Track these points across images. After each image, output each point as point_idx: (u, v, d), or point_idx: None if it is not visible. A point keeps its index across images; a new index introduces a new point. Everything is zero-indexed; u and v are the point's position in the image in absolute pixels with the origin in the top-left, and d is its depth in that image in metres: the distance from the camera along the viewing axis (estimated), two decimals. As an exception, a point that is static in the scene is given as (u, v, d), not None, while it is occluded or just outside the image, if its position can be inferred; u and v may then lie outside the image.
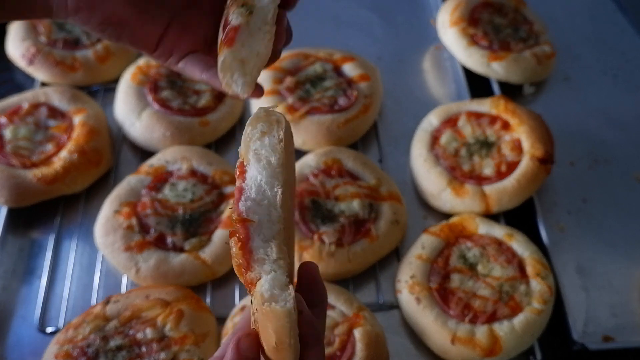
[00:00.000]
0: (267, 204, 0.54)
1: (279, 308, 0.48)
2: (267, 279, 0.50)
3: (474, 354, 0.96)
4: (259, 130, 0.55)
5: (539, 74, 1.40)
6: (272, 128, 0.55)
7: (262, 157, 0.55)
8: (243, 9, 0.56)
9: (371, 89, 1.30)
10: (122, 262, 1.05)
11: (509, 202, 1.15)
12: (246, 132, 0.55)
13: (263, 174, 0.55)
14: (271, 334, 0.49)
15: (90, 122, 1.21)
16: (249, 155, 0.55)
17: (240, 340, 0.51)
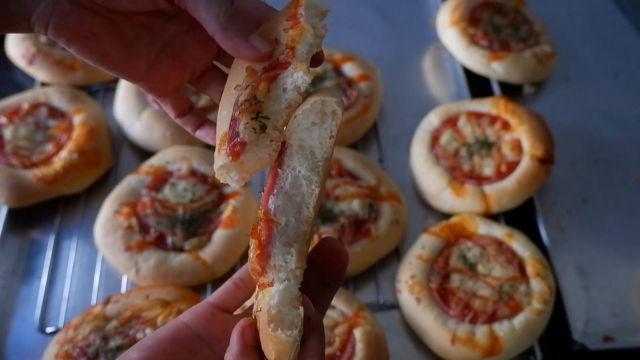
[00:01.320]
0: (300, 201, 0.51)
1: (284, 337, 0.46)
2: (278, 290, 0.48)
3: (474, 354, 0.96)
4: (310, 121, 0.51)
5: (539, 74, 1.40)
6: (325, 119, 0.51)
7: (306, 147, 0.51)
8: (256, 124, 0.50)
9: (371, 89, 1.30)
10: (122, 262, 1.05)
11: (509, 202, 1.14)
12: (296, 118, 0.51)
13: (303, 166, 0.51)
14: (271, 350, 0.48)
15: (90, 122, 1.21)
16: (291, 141, 0.51)
17: (244, 329, 0.52)
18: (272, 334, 0.46)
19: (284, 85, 0.51)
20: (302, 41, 0.51)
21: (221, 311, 0.62)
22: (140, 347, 0.56)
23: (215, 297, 0.63)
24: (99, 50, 0.57)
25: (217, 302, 0.62)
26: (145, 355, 0.56)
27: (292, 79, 0.51)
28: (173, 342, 0.57)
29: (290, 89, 0.51)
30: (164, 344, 0.57)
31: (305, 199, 0.51)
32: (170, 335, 0.58)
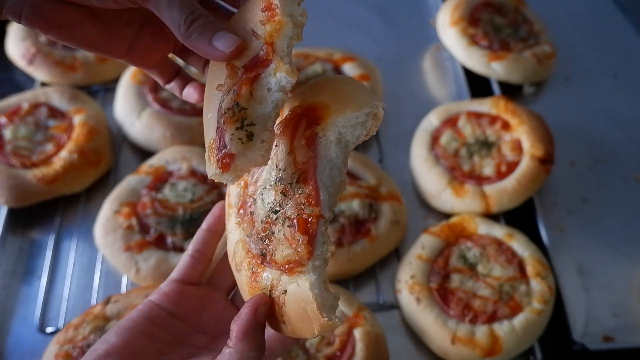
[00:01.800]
0: (333, 192, 0.53)
1: (337, 322, 0.50)
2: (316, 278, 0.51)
3: (474, 354, 0.96)
4: (360, 120, 0.52)
5: (539, 74, 1.40)
6: (367, 122, 0.53)
7: (342, 141, 0.52)
8: (242, 134, 0.50)
9: (371, 89, 1.30)
10: (122, 262, 1.05)
11: (509, 202, 1.14)
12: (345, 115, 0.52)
13: (340, 159, 0.52)
14: (312, 330, 0.51)
15: (90, 122, 1.21)
16: (328, 132, 0.52)
17: (259, 306, 0.53)
18: (322, 319, 0.50)
19: (267, 85, 0.50)
20: (281, 36, 0.50)
21: (186, 285, 0.64)
22: (118, 329, 0.58)
23: (177, 273, 0.64)
24: (76, 36, 0.56)
25: (181, 278, 0.64)
26: (124, 338, 0.57)
27: (276, 79, 0.50)
28: (148, 322, 0.59)
29: (275, 89, 0.50)
30: (140, 324, 0.59)
31: (335, 190, 0.53)
32: (145, 316, 0.60)
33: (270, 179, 0.56)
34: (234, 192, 0.61)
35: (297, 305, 0.52)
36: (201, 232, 0.66)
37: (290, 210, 0.53)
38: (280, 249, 0.53)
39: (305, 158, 0.53)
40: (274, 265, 0.54)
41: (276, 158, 0.56)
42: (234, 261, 0.59)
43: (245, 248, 0.58)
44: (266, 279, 0.55)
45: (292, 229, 0.52)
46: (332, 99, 0.54)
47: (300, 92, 0.58)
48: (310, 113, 0.54)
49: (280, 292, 0.53)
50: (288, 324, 0.54)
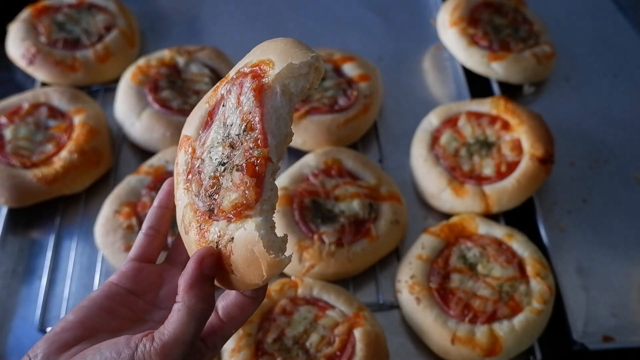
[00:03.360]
0: (279, 142, 0.54)
1: (285, 260, 0.51)
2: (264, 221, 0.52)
3: (474, 354, 0.96)
4: (302, 71, 0.55)
5: (539, 74, 1.40)
6: (310, 74, 0.55)
7: (287, 93, 0.55)
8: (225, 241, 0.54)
9: (371, 89, 1.30)
10: (122, 262, 1.04)
11: (509, 202, 1.14)
12: (289, 65, 0.54)
13: (285, 109, 0.55)
14: (260, 273, 0.52)
15: (90, 122, 1.21)
16: (274, 84, 0.54)
17: (204, 258, 0.53)
18: (275, 259, 0.51)
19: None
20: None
21: (144, 263, 0.65)
22: (75, 308, 0.59)
23: (134, 252, 0.65)
24: None
25: (138, 256, 0.65)
26: (81, 314, 0.58)
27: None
28: (107, 299, 0.60)
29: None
30: (99, 302, 0.59)
31: (282, 140, 0.55)
32: (103, 294, 0.60)
33: (218, 137, 0.58)
34: (182, 160, 0.62)
35: (245, 249, 0.52)
36: (152, 210, 0.66)
37: (238, 159, 0.54)
38: (227, 196, 0.54)
39: (252, 108, 0.55)
40: (221, 216, 0.55)
41: (223, 117, 0.58)
42: (182, 224, 0.60)
43: (193, 209, 0.58)
44: (213, 232, 0.55)
45: (241, 172, 0.53)
46: (275, 55, 0.56)
47: (244, 58, 0.61)
48: (255, 69, 0.56)
49: (227, 241, 0.54)
50: (237, 273, 0.54)
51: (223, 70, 1.32)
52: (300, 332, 0.94)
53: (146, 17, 1.56)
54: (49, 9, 1.40)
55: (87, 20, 1.40)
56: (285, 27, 1.57)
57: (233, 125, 0.56)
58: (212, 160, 0.57)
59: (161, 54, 1.32)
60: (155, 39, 1.51)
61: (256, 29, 1.56)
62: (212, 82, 1.29)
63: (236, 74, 0.58)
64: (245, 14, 1.60)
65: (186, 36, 1.53)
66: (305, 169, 1.16)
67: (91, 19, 1.40)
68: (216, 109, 0.60)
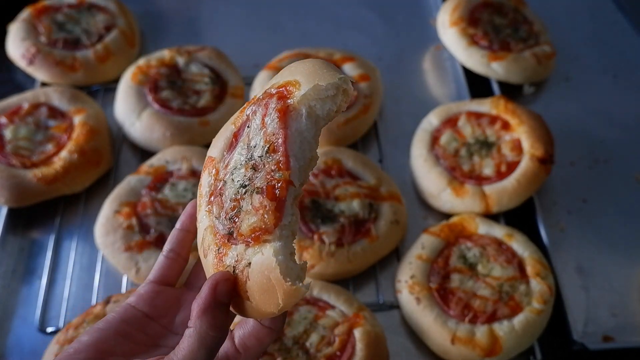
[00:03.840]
0: (303, 165, 0.53)
1: (303, 289, 0.49)
2: (283, 246, 0.51)
3: (474, 354, 0.96)
4: (329, 93, 0.53)
5: (539, 74, 1.40)
6: (337, 96, 0.54)
7: (313, 115, 0.53)
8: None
9: (371, 89, 1.30)
10: (122, 262, 1.05)
11: (509, 202, 1.14)
12: (315, 87, 0.53)
13: (310, 132, 0.53)
14: (276, 302, 0.50)
15: (90, 122, 1.21)
16: (299, 105, 0.53)
17: (219, 283, 0.52)
18: (285, 285, 0.49)
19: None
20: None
21: (163, 286, 0.64)
22: (91, 330, 0.58)
23: (154, 274, 0.64)
24: None
25: (157, 279, 0.64)
26: (96, 337, 0.57)
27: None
28: (122, 323, 0.59)
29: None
30: (114, 325, 0.59)
31: (306, 164, 0.53)
32: (119, 317, 0.60)
33: (241, 159, 0.56)
34: (205, 182, 0.61)
35: (261, 275, 0.50)
36: (174, 232, 0.65)
37: (260, 181, 0.53)
38: (246, 220, 0.53)
39: (276, 130, 0.53)
40: (240, 239, 0.53)
41: (247, 138, 0.57)
42: (202, 247, 0.59)
43: (213, 232, 0.57)
44: (231, 257, 0.54)
45: (261, 195, 0.52)
46: (302, 76, 0.55)
47: (272, 79, 0.59)
48: (281, 90, 0.55)
49: (244, 266, 0.52)
50: (252, 300, 0.52)
51: (223, 71, 1.32)
52: (300, 332, 0.94)
53: (146, 17, 1.56)
54: (49, 9, 1.40)
55: (87, 20, 1.40)
56: (285, 27, 1.57)
57: (256, 147, 0.55)
58: (234, 183, 0.56)
59: (161, 54, 1.32)
60: (155, 39, 1.51)
61: (256, 29, 1.56)
62: (212, 82, 1.29)
63: (262, 95, 0.57)
64: (245, 14, 1.60)
65: (186, 36, 1.53)
66: (305, 169, 1.16)
67: (91, 19, 1.40)
68: (241, 130, 0.58)
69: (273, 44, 1.43)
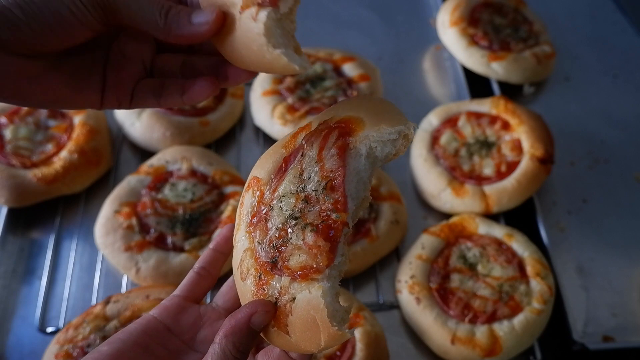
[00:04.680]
0: (358, 206, 0.53)
1: (347, 334, 0.50)
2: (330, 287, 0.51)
3: (474, 353, 0.96)
4: (388, 137, 0.53)
5: (539, 74, 1.40)
6: (397, 141, 0.54)
7: (372, 155, 0.53)
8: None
9: (371, 89, 1.30)
10: (122, 262, 1.05)
11: (509, 202, 1.14)
12: (380, 131, 0.53)
13: (367, 172, 0.53)
14: (318, 342, 0.50)
15: (90, 122, 1.21)
16: (359, 145, 0.53)
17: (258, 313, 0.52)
18: (331, 328, 0.49)
19: None
20: None
21: (189, 302, 0.64)
22: (111, 340, 0.58)
23: (181, 289, 0.64)
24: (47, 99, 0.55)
25: (185, 294, 0.64)
26: (115, 347, 0.57)
27: None
28: (143, 335, 0.59)
29: None
30: (134, 336, 0.58)
31: (359, 204, 0.53)
32: (141, 328, 0.59)
33: (292, 188, 0.55)
34: (248, 202, 0.60)
35: (306, 313, 0.50)
36: (208, 251, 0.66)
37: (313, 217, 0.52)
38: (296, 255, 0.52)
39: (334, 167, 0.53)
40: (285, 272, 0.53)
41: (300, 167, 0.56)
42: (240, 270, 0.58)
43: (253, 256, 0.56)
44: (273, 287, 0.54)
45: (315, 234, 0.51)
46: (366, 114, 0.54)
47: (330, 108, 0.58)
48: (342, 125, 0.54)
49: (288, 300, 0.52)
50: (292, 335, 0.52)
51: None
52: (300, 332, 0.94)
53: (146, 17, 1.56)
54: (49, 9, 1.40)
55: (87, 20, 1.40)
56: (285, 27, 1.57)
57: (311, 179, 0.54)
58: (282, 211, 0.55)
59: (161, 54, 1.32)
60: (155, 39, 1.51)
61: (256, 29, 1.56)
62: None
63: (320, 126, 0.56)
64: (245, 14, 1.59)
65: (186, 36, 1.52)
66: (305, 169, 1.16)
67: (91, 19, 1.40)
68: (292, 157, 0.57)
69: (273, 44, 1.43)
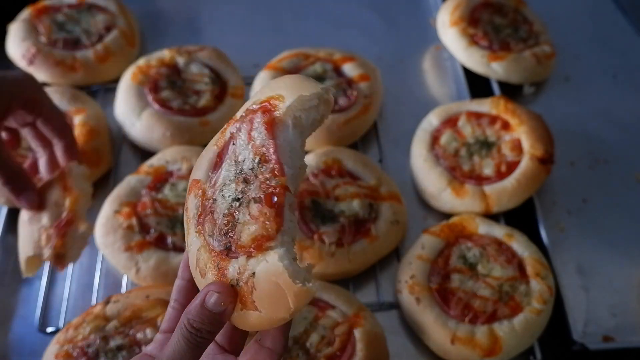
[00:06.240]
0: (294, 173, 0.54)
1: (312, 289, 0.50)
2: (286, 251, 0.52)
3: (474, 354, 0.96)
4: (310, 104, 0.56)
5: (539, 74, 1.40)
6: (320, 106, 0.57)
7: (298, 125, 0.56)
8: None
9: (371, 89, 1.30)
10: (122, 262, 1.05)
11: (509, 202, 1.15)
12: (301, 98, 0.55)
13: (298, 142, 0.56)
14: (287, 306, 0.51)
15: (90, 122, 1.21)
16: (285, 117, 0.55)
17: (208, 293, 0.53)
18: (295, 287, 0.50)
19: None
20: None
21: None
22: None
23: (163, 325, 0.66)
24: None
25: (169, 329, 0.65)
26: None
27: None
28: None
29: None
30: None
31: (296, 173, 0.55)
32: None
33: (230, 175, 0.57)
34: (192, 204, 0.61)
35: (268, 281, 0.51)
36: (177, 283, 0.66)
37: (254, 192, 0.54)
38: (246, 230, 0.53)
39: (264, 141, 0.55)
40: (240, 252, 0.54)
41: (234, 155, 0.57)
42: (198, 269, 0.58)
43: (208, 250, 0.57)
44: (233, 270, 0.54)
45: (259, 204, 0.53)
46: (285, 90, 0.57)
47: (252, 97, 0.61)
48: (265, 105, 0.57)
49: (249, 276, 0.53)
50: (262, 309, 0.52)
51: (223, 71, 1.32)
52: (300, 332, 0.94)
53: (146, 17, 1.56)
54: (49, 9, 1.40)
55: (87, 20, 1.40)
56: (285, 27, 1.57)
57: (245, 160, 0.56)
58: (225, 199, 0.56)
59: (161, 54, 1.32)
60: (155, 39, 1.51)
61: (256, 29, 1.56)
62: (212, 82, 1.29)
63: (245, 112, 0.58)
64: (245, 14, 1.60)
65: (186, 36, 1.53)
66: (305, 169, 1.16)
67: (91, 19, 1.40)
68: (225, 149, 0.59)
69: (273, 44, 1.43)
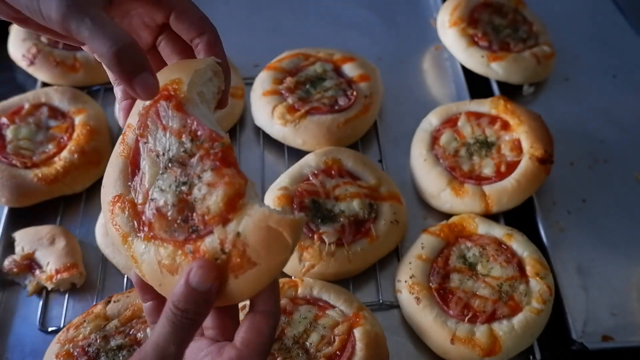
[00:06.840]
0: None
1: (302, 217, 0.51)
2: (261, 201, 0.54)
3: (474, 353, 0.96)
4: (208, 76, 0.60)
5: (539, 74, 1.40)
6: (213, 79, 0.62)
7: (204, 99, 0.60)
8: None
9: (371, 89, 1.30)
10: (122, 262, 1.05)
11: (509, 202, 1.15)
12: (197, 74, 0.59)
13: (210, 114, 0.59)
14: (285, 243, 0.50)
15: (90, 122, 1.21)
16: (190, 94, 0.58)
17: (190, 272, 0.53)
18: (291, 219, 0.51)
19: None
20: None
21: None
22: None
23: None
24: None
25: None
26: None
27: None
28: None
29: None
30: None
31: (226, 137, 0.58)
32: None
33: (158, 169, 0.57)
34: (123, 222, 0.60)
35: (259, 229, 0.51)
36: (145, 306, 0.64)
37: (199, 166, 0.55)
38: (211, 200, 0.53)
39: (183, 121, 0.56)
40: (211, 224, 0.53)
41: (151, 151, 0.58)
42: (163, 272, 0.56)
43: (169, 245, 0.55)
44: (210, 245, 0.53)
45: (215, 170, 0.54)
46: (178, 73, 0.59)
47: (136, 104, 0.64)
48: (164, 93, 0.58)
49: (234, 239, 0.52)
50: (260, 260, 0.51)
51: (223, 71, 1.33)
52: (300, 332, 0.94)
53: (146, 17, 1.56)
54: (50, 9, 1.40)
55: (88, 20, 1.40)
56: (285, 28, 1.57)
57: (170, 148, 0.56)
58: (165, 191, 0.56)
59: (161, 54, 1.32)
60: (155, 39, 1.51)
61: (256, 29, 1.56)
62: (213, 82, 1.29)
63: (140, 115, 0.60)
64: (245, 14, 1.60)
65: (186, 36, 1.53)
66: (306, 169, 1.16)
67: (92, 19, 1.40)
68: (135, 153, 0.59)
69: (273, 44, 1.43)
